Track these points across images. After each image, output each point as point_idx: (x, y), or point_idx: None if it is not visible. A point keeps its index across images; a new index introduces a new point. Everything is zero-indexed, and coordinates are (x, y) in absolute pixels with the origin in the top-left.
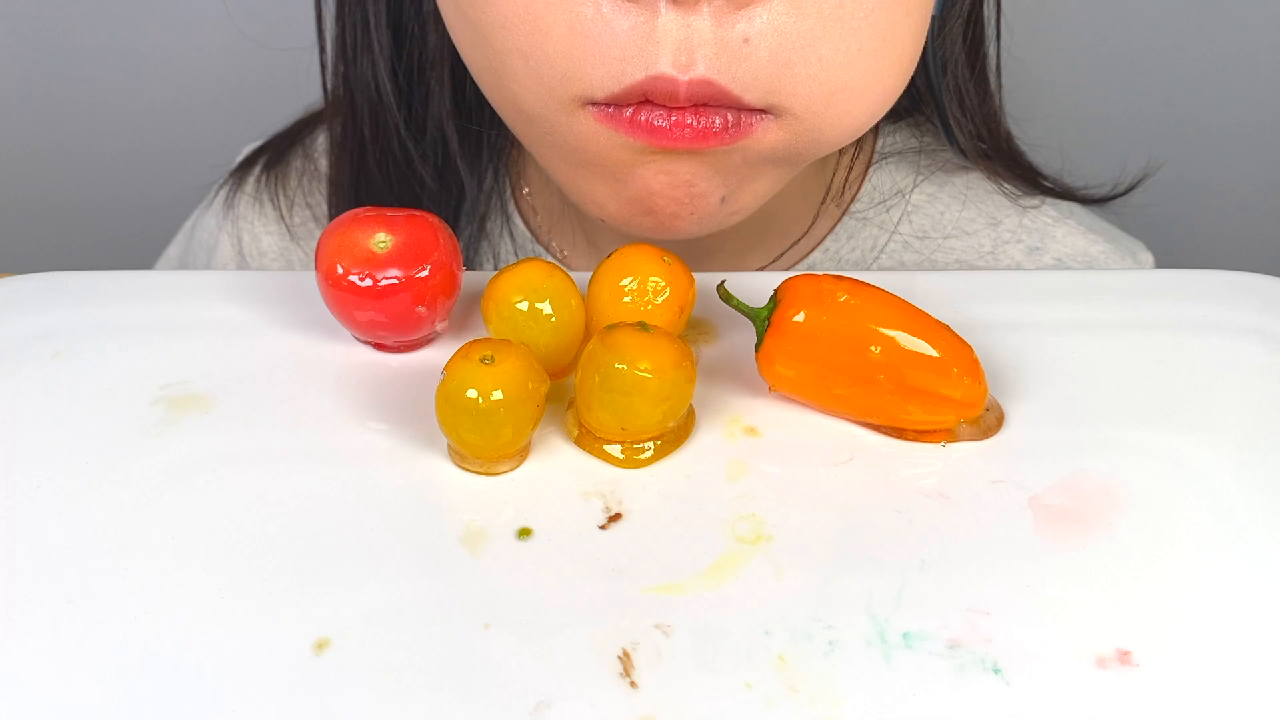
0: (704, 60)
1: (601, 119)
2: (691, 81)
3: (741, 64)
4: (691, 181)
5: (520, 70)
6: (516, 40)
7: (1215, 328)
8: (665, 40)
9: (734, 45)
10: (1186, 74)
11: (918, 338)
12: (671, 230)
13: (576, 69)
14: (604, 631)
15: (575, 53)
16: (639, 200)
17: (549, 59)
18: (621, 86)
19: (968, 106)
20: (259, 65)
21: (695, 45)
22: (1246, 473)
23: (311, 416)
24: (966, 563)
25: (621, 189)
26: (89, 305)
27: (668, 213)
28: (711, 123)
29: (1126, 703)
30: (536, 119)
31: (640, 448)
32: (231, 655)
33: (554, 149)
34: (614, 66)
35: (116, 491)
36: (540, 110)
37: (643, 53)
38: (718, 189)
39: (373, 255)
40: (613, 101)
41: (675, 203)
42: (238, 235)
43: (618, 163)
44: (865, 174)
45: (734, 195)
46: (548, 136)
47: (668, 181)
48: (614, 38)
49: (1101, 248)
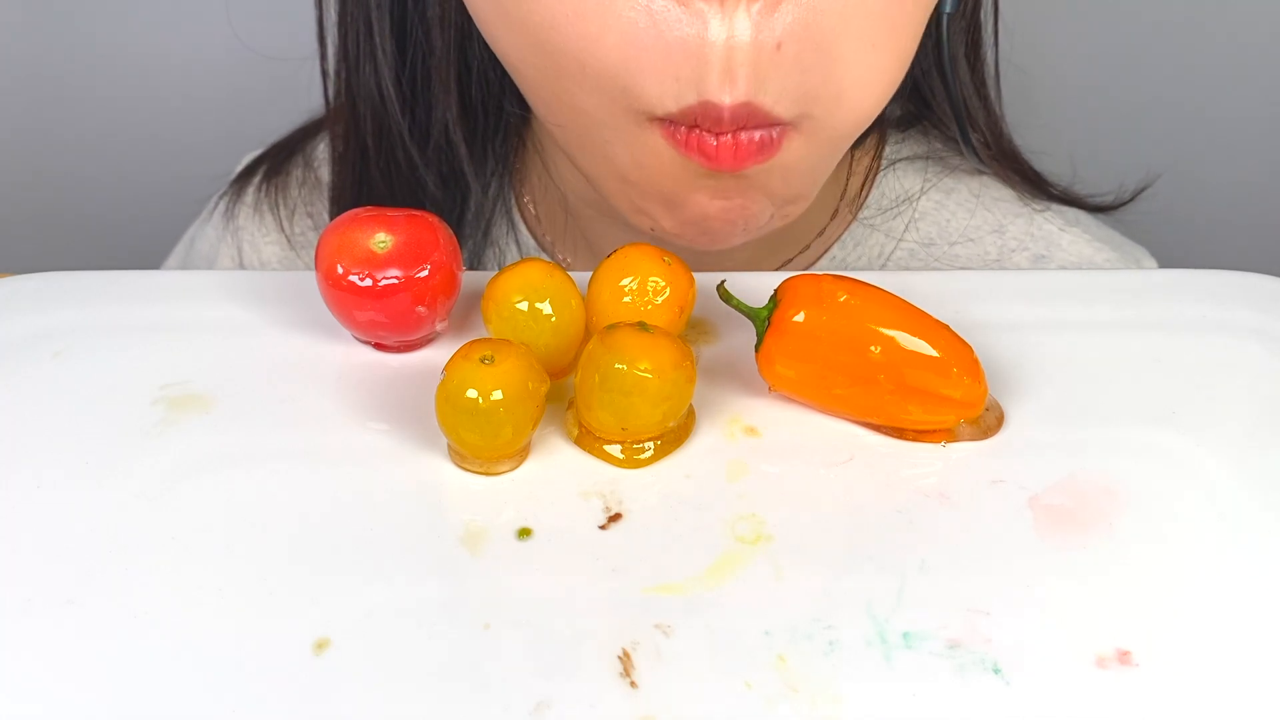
0: (744, 78)
1: (667, 136)
2: (734, 105)
3: (774, 76)
4: (744, 205)
5: (578, 75)
6: (572, 49)
7: (1215, 328)
8: (712, 52)
9: (768, 53)
10: (1186, 76)
11: (918, 338)
12: (724, 243)
13: (634, 83)
14: (604, 631)
15: (631, 66)
16: (695, 222)
17: (606, 70)
18: (679, 108)
19: (971, 110)
20: (259, 72)
21: (737, 60)
22: (1246, 473)
23: (311, 416)
24: (966, 563)
25: (678, 212)
26: (89, 305)
27: (724, 233)
28: (752, 138)
29: (1126, 703)
30: (602, 124)
31: (640, 448)
32: (231, 655)
33: (608, 160)
34: (670, 86)
35: (116, 491)
36: (606, 116)
37: (695, 73)
38: (767, 209)
39: (373, 255)
40: (670, 120)
41: (730, 225)
42: (238, 246)
43: (677, 182)
44: (874, 180)
45: (781, 209)
46: (608, 147)
47: (723, 206)
48: (666, 50)
49: (1107, 256)
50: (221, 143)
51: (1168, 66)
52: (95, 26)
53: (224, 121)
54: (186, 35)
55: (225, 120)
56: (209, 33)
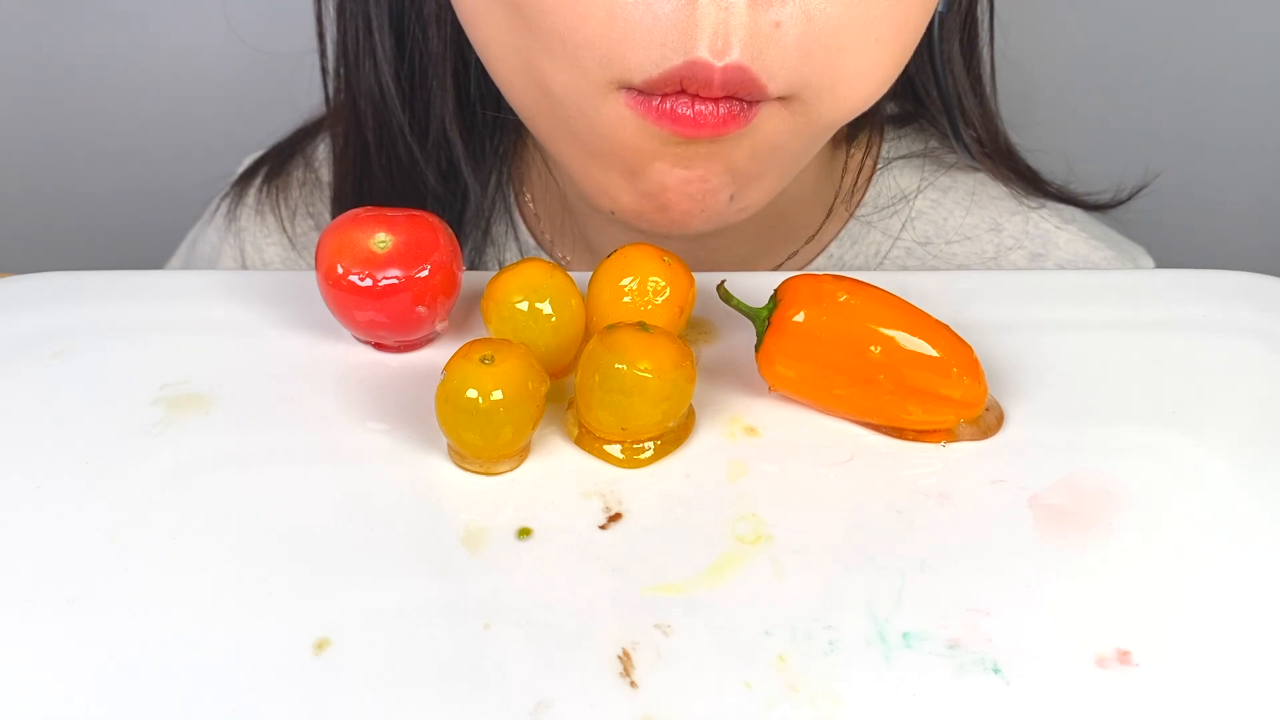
0: (739, 44)
1: (632, 104)
2: (726, 68)
3: (771, 51)
4: (704, 177)
5: (557, 51)
6: (555, 23)
7: (1215, 328)
8: (704, 23)
9: (766, 29)
10: (1185, 76)
11: (918, 338)
12: (681, 226)
13: (616, 52)
14: (604, 631)
15: (615, 36)
16: (653, 195)
17: (588, 42)
18: (661, 72)
19: (966, 108)
20: (260, 72)
21: (731, 29)
22: (1246, 473)
23: (311, 416)
24: (966, 563)
25: (637, 182)
26: (89, 305)
27: (680, 209)
28: (733, 109)
29: (1126, 703)
30: (564, 101)
31: (640, 448)
32: (231, 655)
33: (573, 135)
34: (654, 51)
35: (116, 491)
36: (570, 93)
37: (683, 37)
38: (727, 185)
39: (373, 255)
40: (649, 88)
41: (688, 199)
42: (240, 247)
43: (638, 152)
44: (871, 177)
45: (742, 192)
46: (571, 121)
47: (682, 176)
48: (655, 21)
49: (1103, 254)
50: (222, 143)
51: (1165, 64)
52: (96, 27)
53: (224, 121)
54: (186, 35)
55: (225, 120)
56: (209, 32)
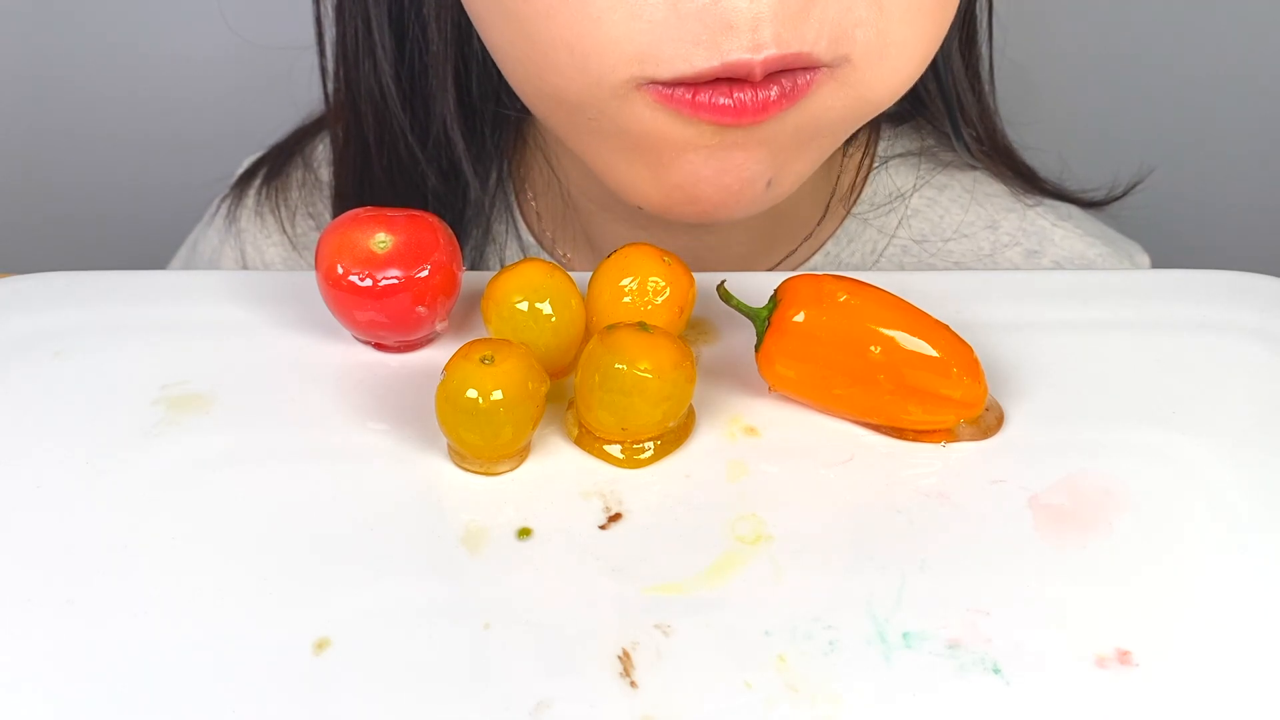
0: (771, 35)
1: (661, 99)
2: (767, 60)
3: (811, 14)
4: (743, 164)
5: (564, 63)
6: (560, 30)
7: (1215, 328)
8: (737, 18)
9: (794, 9)
10: (1183, 74)
11: (918, 338)
12: (711, 218)
13: (635, 53)
14: (604, 631)
15: (636, 37)
16: (683, 188)
17: (599, 48)
18: (693, 70)
19: (965, 106)
20: (260, 70)
21: (763, 18)
22: (1246, 473)
23: (311, 416)
24: (966, 563)
25: (665, 175)
26: (89, 305)
27: (712, 201)
28: (770, 93)
29: (1126, 703)
30: (582, 108)
31: (640, 448)
32: (231, 655)
33: (596, 135)
34: (683, 48)
35: (116, 491)
36: (587, 100)
37: (714, 35)
38: (766, 171)
39: (373, 255)
40: (680, 82)
41: (723, 190)
42: (241, 249)
43: (670, 144)
44: (868, 176)
45: (779, 177)
46: (592, 123)
47: (718, 168)
48: (680, 20)
49: (1099, 250)
50: (222, 142)
51: (1163, 62)
52: (96, 27)
53: (224, 121)
54: (186, 34)
55: (225, 119)
56: (209, 31)
